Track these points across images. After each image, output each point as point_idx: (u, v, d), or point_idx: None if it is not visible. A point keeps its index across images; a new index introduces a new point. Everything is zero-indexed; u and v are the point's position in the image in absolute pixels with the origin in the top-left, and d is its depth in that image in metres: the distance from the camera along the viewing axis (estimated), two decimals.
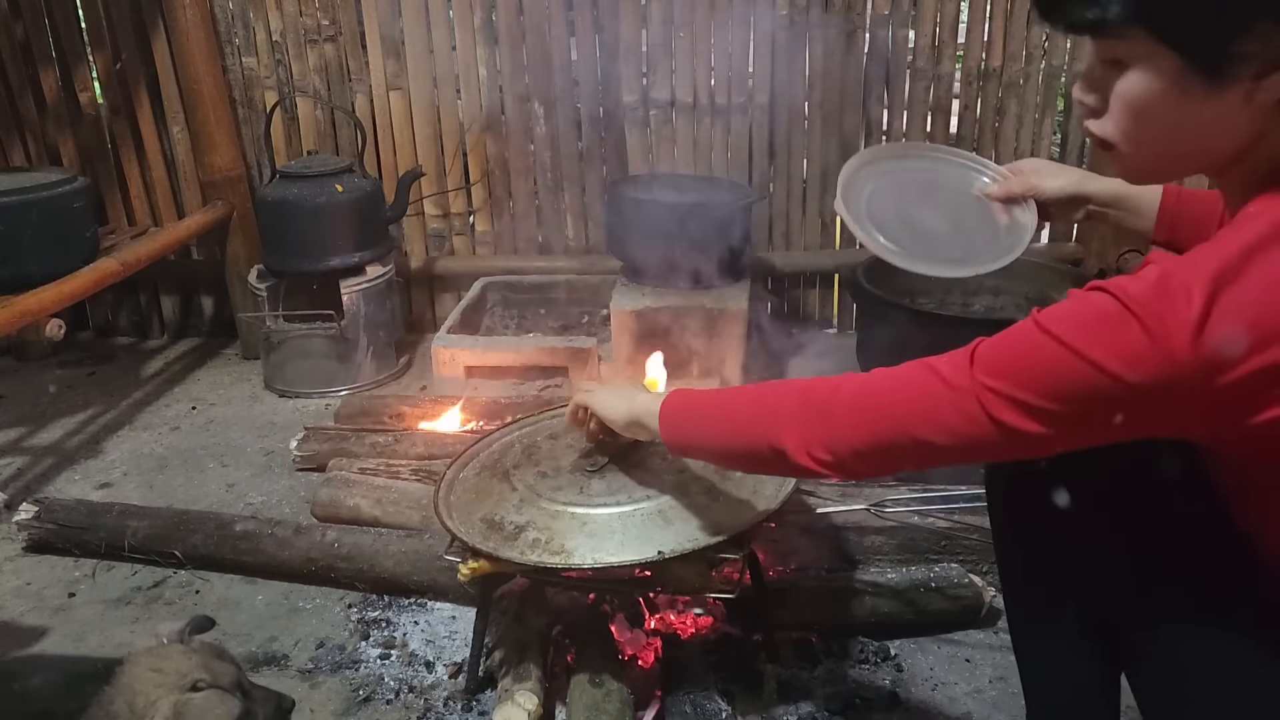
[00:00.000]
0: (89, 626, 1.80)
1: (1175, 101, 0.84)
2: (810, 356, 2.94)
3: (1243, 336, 0.76)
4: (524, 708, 1.43)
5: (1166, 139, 0.88)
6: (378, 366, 2.83)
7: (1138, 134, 0.88)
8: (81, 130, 3.06)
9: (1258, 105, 0.82)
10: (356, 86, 2.96)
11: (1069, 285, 2.68)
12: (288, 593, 1.88)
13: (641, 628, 1.65)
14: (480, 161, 3.02)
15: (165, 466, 2.41)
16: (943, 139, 2.93)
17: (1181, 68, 0.82)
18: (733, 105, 2.89)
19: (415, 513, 1.95)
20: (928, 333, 2.48)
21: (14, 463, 2.45)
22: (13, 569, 1.99)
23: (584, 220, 3.07)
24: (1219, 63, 0.80)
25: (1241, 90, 0.81)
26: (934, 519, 1.82)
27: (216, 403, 2.78)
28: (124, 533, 1.94)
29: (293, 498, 2.22)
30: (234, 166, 2.96)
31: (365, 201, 2.73)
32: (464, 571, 1.45)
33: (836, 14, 2.79)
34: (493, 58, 2.91)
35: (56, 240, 2.45)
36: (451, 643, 1.71)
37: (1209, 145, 0.88)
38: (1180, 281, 0.78)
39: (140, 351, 3.20)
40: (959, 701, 1.55)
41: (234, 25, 2.93)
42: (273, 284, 2.79)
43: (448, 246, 3.14)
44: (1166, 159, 0.91)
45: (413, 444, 2.23)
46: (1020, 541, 1.12)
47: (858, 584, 1.69)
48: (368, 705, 1.57)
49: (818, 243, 3.03)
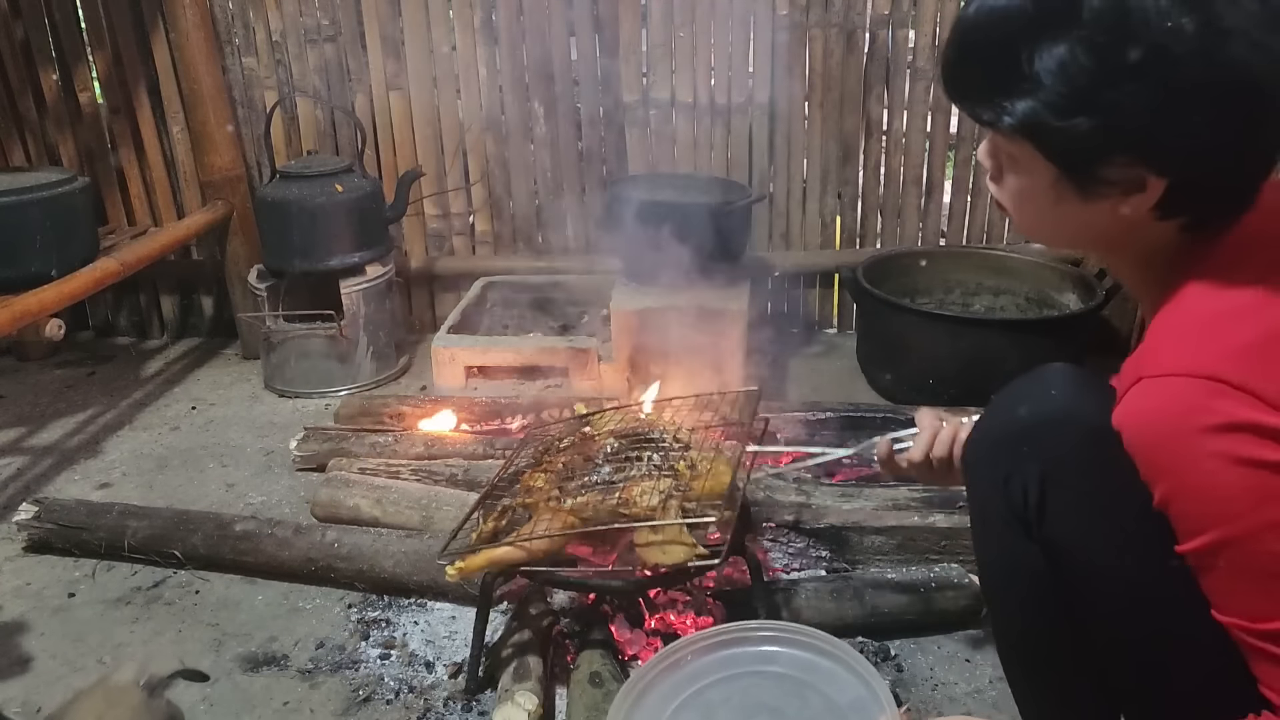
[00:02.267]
0: (89, 626, 1.80)
1: (1052, 202, 0.93)
2: (810, 356, 2.94)
3: None
4: (524, 708, 1.43)
5: (1048, 225, 0.98)
6: (378, 366, 2.83)
7: (1022, 216, 0.99)
8: (81, 130, 3.06)
9: (1124, 217, 0.90)
10: (356, 86, 2.96)
11: (1069, 285, 2.69)
12: (288, 593, 1.88)
13: (641, 628, 1.65)
14: (480, 161, 3.02)
15: (165, 466, 2.41)
16: (942, 139, 2.93)
17: (1058, 176, 0.90)
18: (733, 105, 2.88)
19: (415, 513, 1.95)
20: (928, 333, 2.48)
21: (14, 463, 2.45)
22: (13, 569, 1.99)
23: (584, 220, 3.07)
24: (1089, 181, 0.89)
25: (1109, 204, 0.90)
26: (934, 519, 1.82)
27: (216, 403, 2.78)
28: (124, 533, 1.94)
29: (293, 498, 2.22)
30: (234, 166, 2.96)
31: (365, 201, 2.73)
32: (450, 572, 1.46)
33: (836, 14, 2.79)
34: (493, 58, 2.91)
35: (56, 240, 2.45)
36: (451, 643, 1.70)
37: (1085, 238, 0.99)
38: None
39: (140, 351, 3.20)
40: (959, 701, 1.55)
41: (234, 25, 2.93)
42: (273, 284, 2.78)
43: (448, 246, 3.14)
44: (1051, 236, 1.01)
45: (413, 444, 2.23)
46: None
47: (858, 584, 1.69)
48: (368, 705, 1.57)
49: (818, 243, 3.03)
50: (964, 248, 2.98)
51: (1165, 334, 0.89)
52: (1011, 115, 0.87)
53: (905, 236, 3.01)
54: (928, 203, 2.99)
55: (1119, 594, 0.98)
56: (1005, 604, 1.15)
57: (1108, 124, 0.83)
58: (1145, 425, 0.85)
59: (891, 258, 2.86)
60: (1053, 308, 2.73)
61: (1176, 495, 0.85)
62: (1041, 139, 0.88)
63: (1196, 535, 0.85)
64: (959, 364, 2.43)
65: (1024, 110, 0.86)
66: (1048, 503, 0.99)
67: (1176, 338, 0.88)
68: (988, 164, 0.99)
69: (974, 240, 3.02)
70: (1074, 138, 0.85)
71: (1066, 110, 0.84)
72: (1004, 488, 1.02)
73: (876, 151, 2.94)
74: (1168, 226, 0.92)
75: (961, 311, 2.83)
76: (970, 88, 0.92)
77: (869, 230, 3.03)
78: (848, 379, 2.73)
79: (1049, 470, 0.99)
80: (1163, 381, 0.84)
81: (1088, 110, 0.83)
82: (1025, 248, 2.98)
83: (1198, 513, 0.84)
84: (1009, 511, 1.03)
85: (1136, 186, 0.87)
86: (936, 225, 3.04)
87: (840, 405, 2.34)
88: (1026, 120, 0.86)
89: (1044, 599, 1.06)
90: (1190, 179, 0.86)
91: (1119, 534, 0.96)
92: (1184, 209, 0.90)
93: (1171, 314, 0.90)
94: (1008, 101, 0.86)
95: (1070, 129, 0.84)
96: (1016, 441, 1.02)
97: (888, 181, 2.96)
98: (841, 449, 1.50)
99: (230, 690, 1.63)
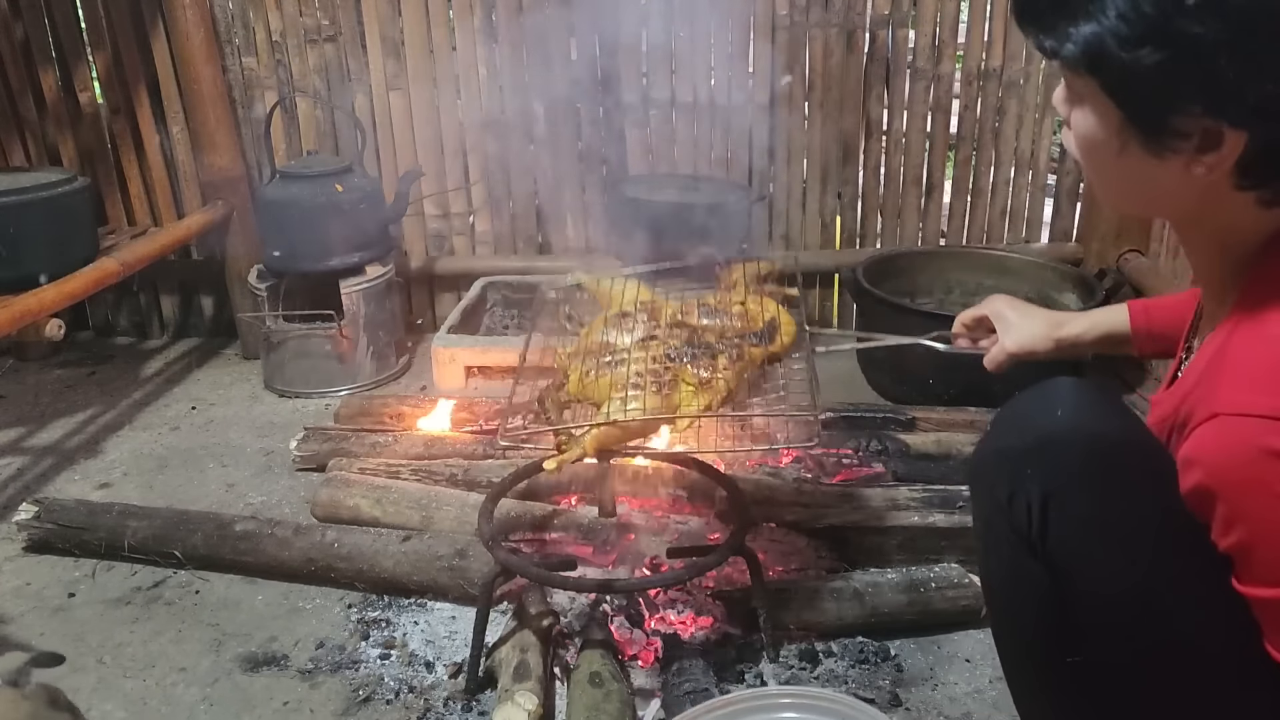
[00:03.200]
0: (89, 626, 1.80)
1: (1115, 152, 0.86)
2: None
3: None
4: (524, 708, 1.43)
5: (1112, 180, 0.91)
6: (378, 366, 2.83)
7: (1088, 166, 0.92)
8: (81, 130, 3.05)
9: (1197, 179, 0.82)
10: (356, 86, 2.96)
11: (1069, 285, 2.69)
12: (288, 593, 1.88)
13: (641, 628, 1.65)
14: (480, 161, 3.02)
15: (165, 466, 2.41)
16: (942, 139, 2.93)
17: (1124, 122, 0.84)
18: (733, 105, 2.88)
19: (415, 513, 1.95)
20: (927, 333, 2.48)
21: (14, 463, 2.45)
22: (13, 569, 1.99)
23: (584, 220, 3.07)
24: (1158, 131, 0.82)
25: (1180, 161, 0.82)
26: (934, 519, 1.82)
27: (216, 403, 2.78)
28: (124, 533, 1.94)
29: (293, 498, 2.22)
30: (234, 166, 2.96)
31: (365, 201, 2.73)
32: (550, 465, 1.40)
33: (836, 14, 2.79)
34: (493, 58, 2.91)
35: (56, 240, 2.45)
36: (451, 643, 1.70)
37: (1154, 199, 0.90)
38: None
39: (140, 351, 3.19)
40: (959, 701, 1.55)
41: (234, 25, 2.93)
42: (273, 284, 2.78)
43: (448, 246, 3.14)
44: (1118, 197, 0.93)
45: (413, 444, 2.23)
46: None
47: (858, 584, 1.69)
48: (368, 705, 1.57)
49: (818, 243, 3.03)
50: (964, 248, 2.98)
51: (1247, 360, 0.82)
52: (1075, 42, 0.80)
53: (905, 236, 3.01)
54: (928, 203, 2.99)
55: (1124, 613, 0.97)
56: (1009, 619, 1.13)
57: (1178, 59, 0.76)
58: (1224, 469, 0.80)
59: (891, 258, 2.86)
60: (1053, 308, 2.73)
61: (1262, 542, 0.81)
62: (1105, 73, 0.81)
63: (1276, 585, 0.82)
64: (959, 364, 2.42)
65: (1087, 36, 0.79)
66: (1051, 523, 0.97)
67: (1261, 367, 0.81)
68: (1061, 110, 0.92)
69: (974, 240, 3.02)
70: (1140, 74, 0.77)
71: (1132, 39, 0.76)
72: (1008, 507, 1.00)
73: (876, 151, 2.94)
74: (1249, 200, 0.84)
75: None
76: (1036, 9, 0.85)
77: (869, 230, 3.03)
78: (848, 379, 2.73)
79: (1053, 491, 0.96)
80: (1244, 422, 0.79)
81: (1155, 40, 0.75)
82: (1025, 248, 2.99)
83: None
84: (1013, 530, 1.00)
85: (1212, 143, 0.79)
86: (936, 225, 3.04)
87: (840, 405, 2.34)
88: (1089, 48, 0.79)
89: (1048, 615, 1.04)
90: (1275, 138, 0.78)
91: (1124, 555, 0.94)
92: (1268, 177, 0.82)
93: (1257, 333, 0.83)
94: (1072, 26, 0.80)
95: (1136, 62, 0.77)
96: (1021, 461, 0.99)
97: (888, 181, 2.96)
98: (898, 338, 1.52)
99: (230, 690, 1.63)
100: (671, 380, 1.42)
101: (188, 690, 1.63)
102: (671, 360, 1.45)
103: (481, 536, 1.60)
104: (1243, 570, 0.84)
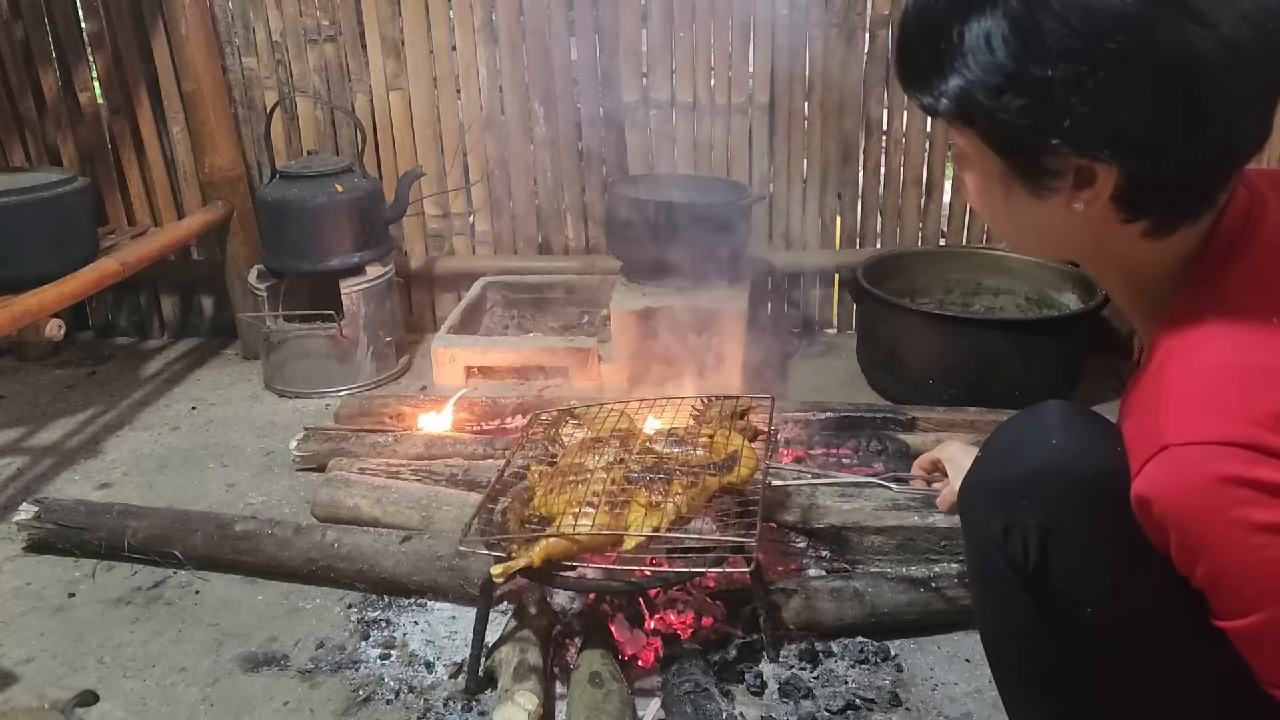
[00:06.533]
0: (89, 626, 1.80)
1: (1003, 198, 0.89)
2: (810, 356, 2.94)
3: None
4: (524, 708, 1.43)
5: (1008, 225, 0.94)
6: (378, 366, 2.83)
7: (985, 214, 0.96)
8: (81, 130, 3.06)
9: (1081, 216, 0.85)
10: (356, 86, 2.96)
11: (1069, 285, 2.69)
12: (288, 593, 1.88)
13: (641, 628, 1.65)
14: (480, 161, 3.02)
15: (165, 466, 2.41)
16: (942, 139, 2.93)
17: (1004, 169, 0.87)
18: (733, 105, 2.88)
19: (415, 513, 1.95)
20: (927, 333, 2.48)
21: (14, 463, 2.45)
22: (13, 569, 1.99)
23: (584, 220, 3.07)
24: (1034, 173, 0.85)
25: (1061, 200, 0.85)
26: (934, 519, 1.82)
27: (216, 403, 2.78)
28: (124, 533, 1.94)
29: (293, 498, 2.22)
30: (234, 166, 2.96)
31: (365, 201, 2.73)
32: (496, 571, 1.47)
33: (836, 14, 2.79)
34: (493, 58, 2.91)
35: (56, 240, 2.45)
36: (451, 643, 1.71)
37: (1052, 239, 0.93)
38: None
39: (140, 351, 3.19)
40: (959, 701, 1.55)
41: (234, 25, 2.93)
42: (273, 284, 2.78)
43: (448, 246, 3.14)
44: (1016, 238, 0.96)
45: (413, 444, 2.23)
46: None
47: (858, 584, 1.69)
48: (368, 705, 1.57)
49: (818, 243, 3.03)
50: (964, 248, 2.98)
51: (1187, 390, 0.82)
52: (948, 97, 0.83)
53: (905, 236, 3.01)
54: (928, 203, 2.99)
55: (1125, 643, 0.96)
56: (1004, 647, 1.12)
57: (1036, 102, 0.79)
58: (1178, 501, 0.79)
59: (891, 258, 2.86)
60: (1053, 308, 2.73)
61: (1222, 575, 0.80)
62: (978, 123, 0.84)
63: (1245, 614, 0.80)
64: (959, 364, 2.43)
65: (956, 90, 0.82)
66: (1049, 557, 0.95)
67: (1202, 396, 0.81)
68: (956, 167, 0.95)
69: (974, 240, 3.02)
70: (1007, 120, 0.81)
71: (994, 88, 0.80)
72: (1003, 540, 0.98)
73: (876, 151, 2.94)
74: (1137, 232, 0.86)
75: (961, 311, 2.83)
76: (911, 71, 0.89)
77: (869, 230, 3.03)
78: (848, 379, 2.73)
79: (1050, 524, 0.95)
80: (1193, 451, 0.78)
81: (1014, 87, 0.79)
82: None
83: (1248, 592, 0.79)
84: (1008, 564, 0.99)
85: (1086, 179, 0.83)
86: (936, 225, 3.04)
87: (840, 405, 2.34)
88: (959, 101, 0.83)
89: (1044, 645, 1.03)
90: (1141, 172, 0.81)
91: (1123, 587, 0.93)
92: (1144, 208, 0.84)
93: (1191, 362, 0.83)
94: (941, 82, 0.84)
95: (1002, 109, 0.80)
96: (1015, 494, 0.97)
97: (888, 181, 2.96)
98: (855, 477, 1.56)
99: (230, 690, 1.63)
100: (624, 501, 1.51)
101: (188, 690, 1.63)
102: (630, 483, 1.54)
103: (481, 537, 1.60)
104: (1215, 604, 0.83)
